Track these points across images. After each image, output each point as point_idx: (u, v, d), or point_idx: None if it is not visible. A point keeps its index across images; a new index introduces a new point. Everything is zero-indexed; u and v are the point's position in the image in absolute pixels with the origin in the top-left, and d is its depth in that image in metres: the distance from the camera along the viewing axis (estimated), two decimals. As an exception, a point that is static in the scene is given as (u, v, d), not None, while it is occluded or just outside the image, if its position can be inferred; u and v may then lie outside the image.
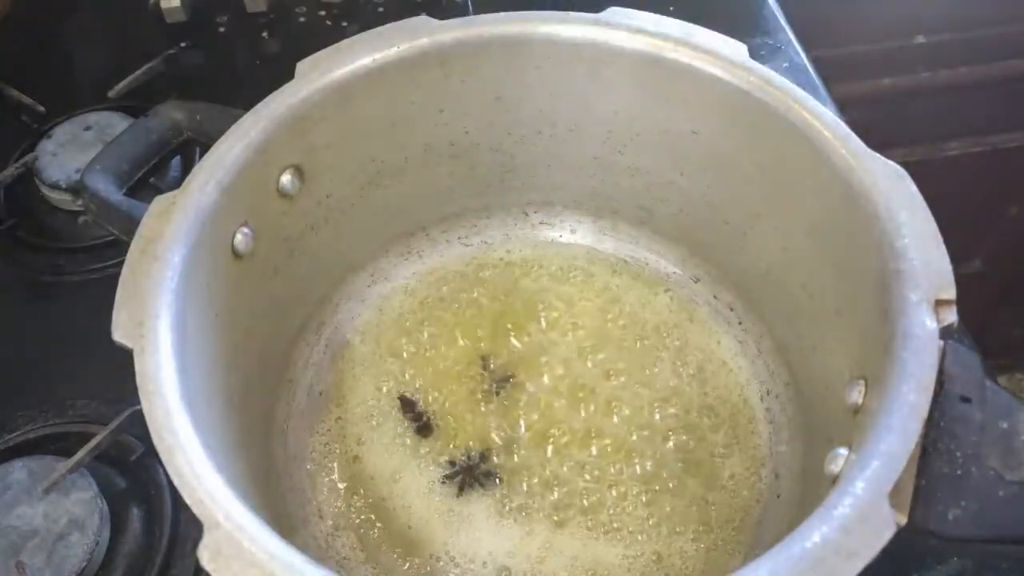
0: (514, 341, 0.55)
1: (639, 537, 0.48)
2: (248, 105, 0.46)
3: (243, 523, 0.33)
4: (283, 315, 0.52)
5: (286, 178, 0.48)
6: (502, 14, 0.49)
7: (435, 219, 0.58)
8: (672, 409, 0.52)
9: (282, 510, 0.48)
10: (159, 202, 0.42)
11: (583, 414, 0.52)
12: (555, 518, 0.48)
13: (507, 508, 0.49)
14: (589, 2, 0.50)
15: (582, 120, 0.53)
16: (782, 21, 0.77)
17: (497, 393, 0.53)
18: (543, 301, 0.56)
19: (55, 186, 0.64)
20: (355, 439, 0.52)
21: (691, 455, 0.50)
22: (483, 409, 0.52)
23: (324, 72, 0.47)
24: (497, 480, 0.50)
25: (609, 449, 0.51)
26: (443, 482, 0.50)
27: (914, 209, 0.40)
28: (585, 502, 0.49)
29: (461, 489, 0.50)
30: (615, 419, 0.52)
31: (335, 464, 0.51)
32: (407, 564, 0.48)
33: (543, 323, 0.55)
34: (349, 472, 0.51)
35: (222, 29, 0.78)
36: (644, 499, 0.49)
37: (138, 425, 0.46)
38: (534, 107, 0.52)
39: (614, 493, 0.49)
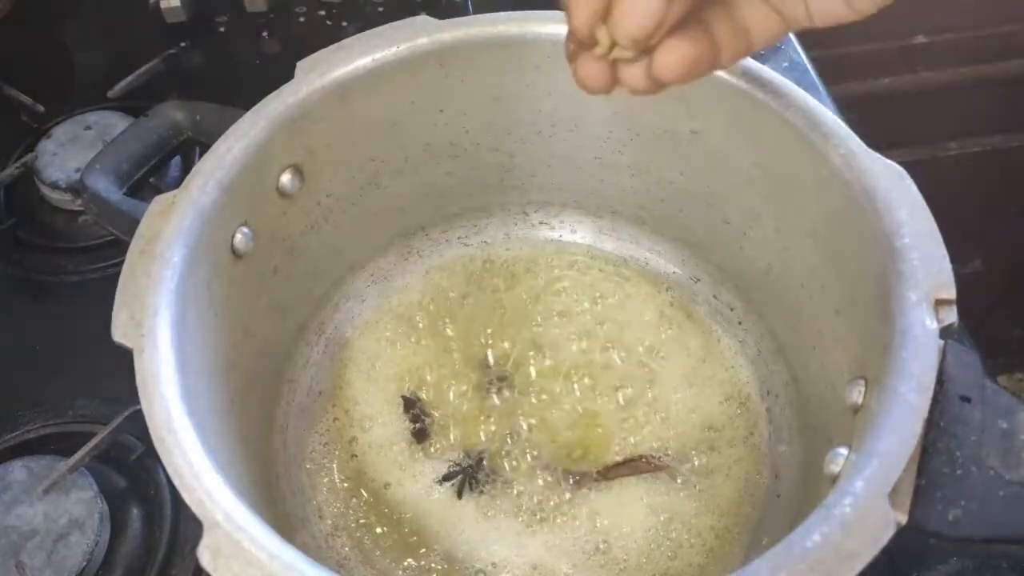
0: (514, 341, 0.55)
1: (638, 538, 0.48)
2: (248, 105, 0.46)
3: (243, 523, 0.33)
4: (283, 315, 0.52)
5: (286, 178, 0.48)
6: (502, 14, 0.49)
7: (435, 219, 0.58)
8: (672, 409, 0.52)
9: (282, 510, 0.48)
10: (159, 202, 0.42)
11: (583, 415, 0.52)
12: (556, 522, 0.48)
13: (505, 512, 0.49)
14: (589, 2, 0.50)
15: (582, 120, 0.53)
16: (782, 21, 0.77)
17: (498, 393, 0.53)
18: (543, 301, 0.56)
19: (55, 186, 0.64)
20: (354, 439, 0.52)
21: (692, 455, 0.50)
22: (483, 409, 0.52)
23: (324, 72, 0.47)
24: (496, 482, 0.50)
25: (608, 450, 0.51)
26: (442, 483, 0.50)
27: (914, 209, 0.40)
28: (584, 505, 0.49)
29: (460, 490, 0.50)
30: (615, 420, 0.52)
31: (335, 464, 0.51)
32: (405, 565, 0.48)
33: (543, 323, 0.55)
34: (349, 472, 0.51)
35: (222, 29, 0.78)
36: (645, 502, 0.49)
37: (138, 425, 0.46)
38: (534, 107, 0.52)
39: (612, 493, 0.49)
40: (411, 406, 0.53)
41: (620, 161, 0.55)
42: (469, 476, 0.50)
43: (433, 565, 0.47)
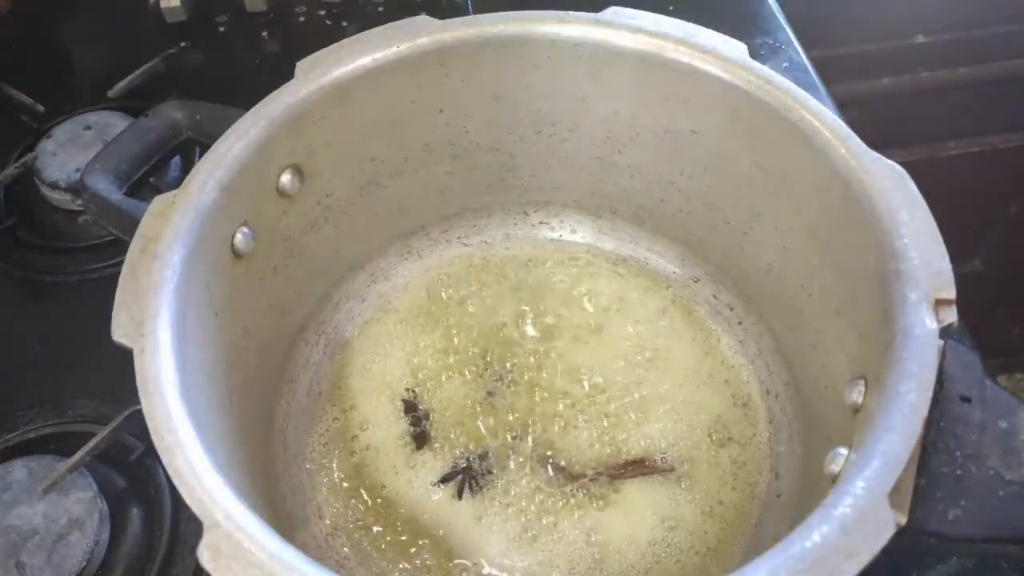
0: (514, 341, 0.55)
1: (637, 537, 0.48)
2: (248, 105, 0.46)
3: (243, 523, 0.33)
4: (283, 315, 0.52)
5: (286, 178, 0.48)
6: (502, 14, 0.49)
7: (435, 219, 0.58)
8: (672, 409, 0.52)
9: (282, 510, 0.48)
10: (159, 202, 0.42)
11: (583, 415, 0.52)
12: (556, 526, 0.48)
13: (505, 513, 0.49)
14: (589, 2, 0.50)
15: (582, 120, 0.53)
16: (782, 21, 0.77)
17: (498, 393, 0.53)
18: (543, 301, 0.56)
19: (55, 186, 0.64)
20: (354, 439, 0.52)
21: (691, 456, 0.50)
22: (483, 410, 0.52)
23: (324, 72, 0.47)
24: (496, 483, 0.50)
25: (608, 451, 0.51)
26: (441, 483, 0.50)
27: (914, 209, 0.40)
28: (584, 506, 0.49)
29: (460, 490, 0.50)
30: (615, 419, 0.52)
31: (334, 464, 0.51)
32: (404, 565, 0.48)
33: (542, 323, 0.55)
34: (348, 472, 0.51)
35: (222, 29, 0.78)
36: (646, 504, 0.49)
37: (138, 425, 0.46)
38: (534, 107, 0.52)
39: (613, 493, 0.49)
40: (411, 409, 0.52)
41: (620, 161, 0.55)
42: (469, 477, 0.50)
43: (431, 564, 0.47)
